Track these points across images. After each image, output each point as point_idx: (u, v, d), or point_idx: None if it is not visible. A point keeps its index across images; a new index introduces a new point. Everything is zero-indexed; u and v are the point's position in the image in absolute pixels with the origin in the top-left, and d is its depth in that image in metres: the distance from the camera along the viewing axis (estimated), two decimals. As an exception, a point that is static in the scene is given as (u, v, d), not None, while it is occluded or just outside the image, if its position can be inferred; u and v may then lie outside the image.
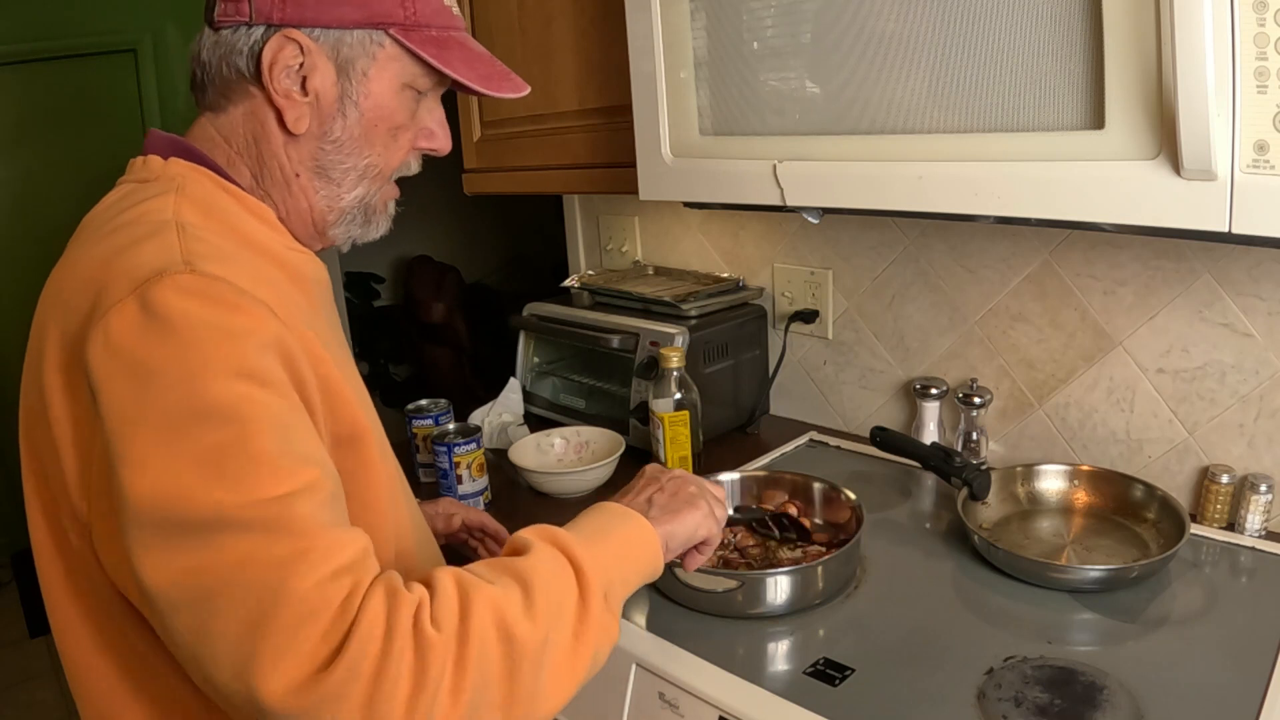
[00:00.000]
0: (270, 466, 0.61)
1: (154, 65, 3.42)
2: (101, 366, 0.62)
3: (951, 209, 0.95)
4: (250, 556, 0.59)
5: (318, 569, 0.60)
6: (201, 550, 0.59)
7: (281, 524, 0.60)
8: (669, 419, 1.35)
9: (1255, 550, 1.09)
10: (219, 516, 0.59)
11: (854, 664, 0.91)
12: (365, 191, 0.83)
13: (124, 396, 0.61)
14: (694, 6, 1.13)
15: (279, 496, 0.61)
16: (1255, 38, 0.72)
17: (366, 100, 0.79)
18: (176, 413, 0.61)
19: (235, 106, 0.78)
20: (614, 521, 0.79)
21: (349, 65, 0.77)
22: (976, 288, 1.37)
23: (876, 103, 0.99)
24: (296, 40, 0.75)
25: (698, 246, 1.77)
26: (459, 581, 0.65)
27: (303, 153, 0.79)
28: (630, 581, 0.76)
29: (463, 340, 4.07)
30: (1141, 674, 0.87)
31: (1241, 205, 0.76)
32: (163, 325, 0.62)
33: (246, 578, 0.59)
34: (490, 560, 0.70)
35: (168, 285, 0.63)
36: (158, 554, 0.60)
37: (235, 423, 0.61)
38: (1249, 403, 1.14)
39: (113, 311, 0.63)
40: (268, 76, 0.75)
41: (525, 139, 1.53)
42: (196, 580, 0.59)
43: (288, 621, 0.58)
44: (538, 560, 0.69)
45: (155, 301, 0.62)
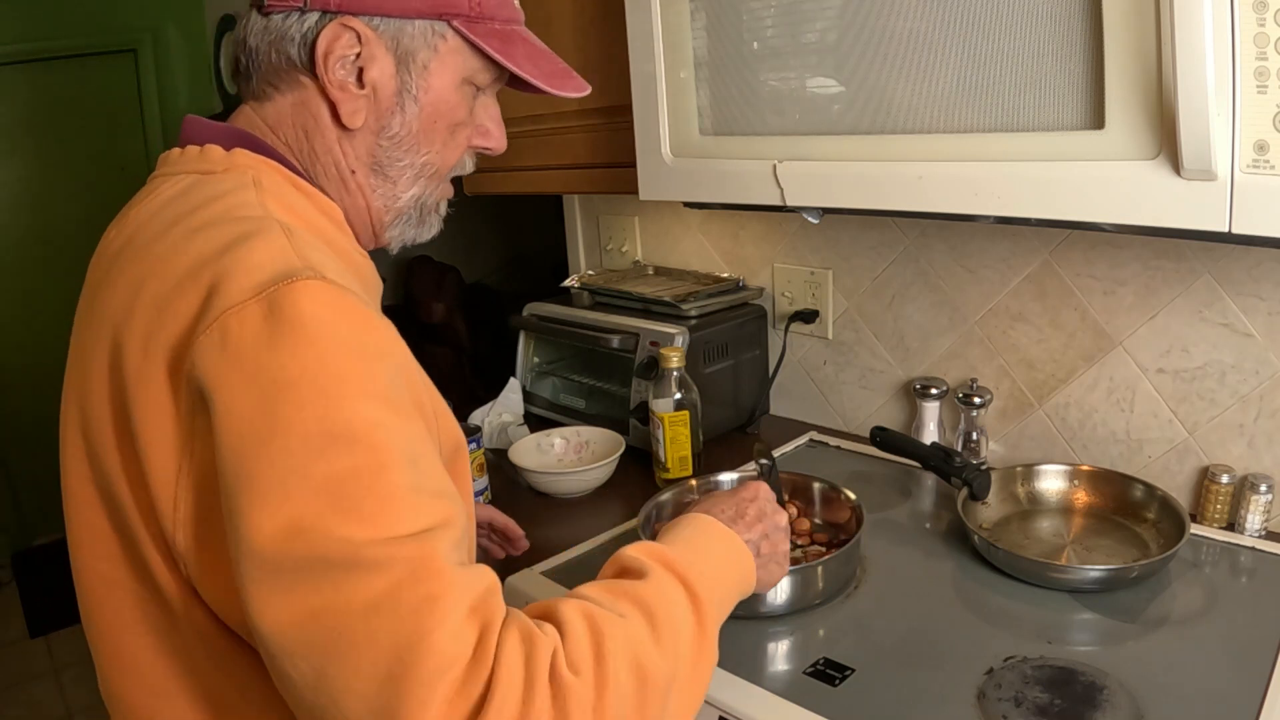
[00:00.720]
0: (405, 501, 0.56)
1: (154, 65, 3.42)
2: (218, 372, 0.56)
3: (951, 209, 0.95)
4: (383, 601, 0.53)
5: (453, 615, 0.54)
6: (329, 591, 0.53)
7: (416, 565, 0.54)
8: (669, 419, 1.35)
9: (1255, 550, 1.09)
10: (350, 555, 0.54)
11: (854, 664, 0.91)
12: (422, 190, 0.79)
13: (247, 408, 0.55)
14: (694, 6, 1.13)
15: (413, 534, 0.55)
16: (1255, 38, 0.72)
17: (426, 95, 0.74)
18: (309, 432, 0.54)
19: (284, 96, 0.73)
20: (723, 550, 0.77)
21: (409, 57, 0.73)
22: (976, 288, 1.37)
23: (876, 103, 0.99)
24: (355, 29, 0.70)
25: (698, 246, 1.77)
26: (589, 620, 0.60)
27: (359, 148, 0.75)
28: (725, 610, 0.74)
29: (463, 340, 4.07)
30: (1141, 674, 0.87)
31: (1241, 205, 0.76)
32: (296, 333, 0.56)
33: (379, 625, 0.53)
34: (608, 585, 0.67)
35: (300, 290, 0.57)
36: (278, 592, 0.54)
37: (371, 451, 0.56)
38: (1249, 403, 1.14)
39: (232, 314, 0.56)
40: (322, 66, 0.70)
41: (525, 139, 1.53)
42: (322, 624, 0.53)
43: (426, 673, 0.52)
44: (658, 588, 0.66)
45: (286, 306, 0.56)
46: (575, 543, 1.21)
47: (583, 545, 1.21)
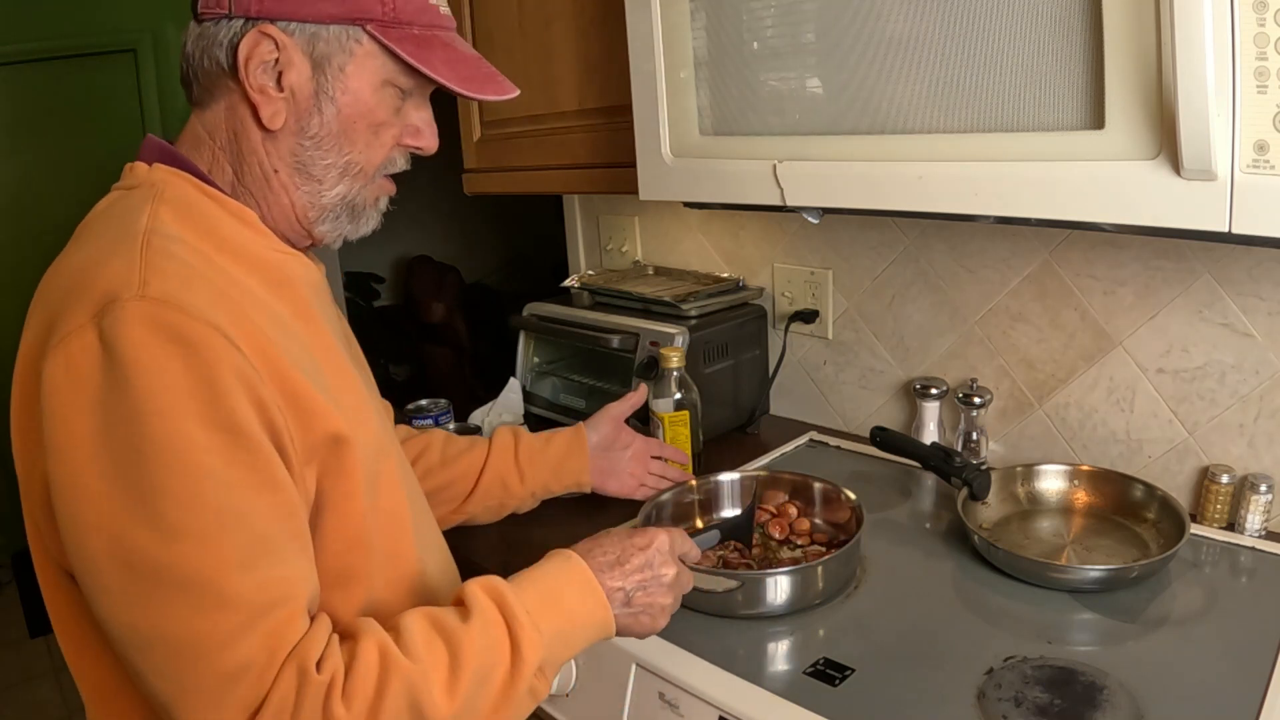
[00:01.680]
0: (208, 520, 0.63)
1: (154, 65, 3.42)
2: (58, 394, 0.63)
3: (951, 209, 0.95)
4: (176, 617, 0.62)
5: (240, 639, 0.63)
6: (135, 600, 0.63)
7: (209, 587, 0.63)
8: (669, 419, 1.35)
9: (1255, 550, 1.09)
10: (155, 569, 0.62)
11: (854, 664, 0.91)
12: (348, 189, 0.81)
13: (78, 430, 0.62)
14: (694, 6, 1.13)
15: (213, 556, 0.63)
16: (1255, 38, 0.72)
17: (344, 96, 0.77)
18: (121, 450, 0.62)
19: (217, 102, 0.78)
20: (577, 597, 0.79)
21: (325, 61, 0.76)
22: (976, 288, 1.37)
23: (877, 103, 0.99)
24: (271, 35, 0.74)
25: (698, 246, 1.77)
26: (383, 656, 0.67)
27: (281, 149, 0.78)
28: (568, 655, 0.78)
29: (463, 340, 4.08)
30: (1141, 674, 0.87)
31: (1241, 205, 0.76)
32: (114, 357, 0.63)
33: (172, 638, 0.63)
34: (432, 617, 0.72)
35: (120, 313, 0.63)
36: (99, 590, 0.63)
37: (183, 473, 0.63)
38: (1249, 403, 1.14)
39: (73, 338, 0.64)
40: (243, 71, 0.74)
41: (525, 139, 1.53)
42: (131, 627, 0.63)
43: (207, 688, 0.62)
44: (476, 631, 0.71)
45: (109, 330, 0.63)
46: (575, 543, 1.21)
47: (583, 545, 1.21)
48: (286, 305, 0.77)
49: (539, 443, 1.23)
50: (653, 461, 1.32)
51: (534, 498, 1.22)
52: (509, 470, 1.19)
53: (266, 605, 0.65)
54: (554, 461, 1.22)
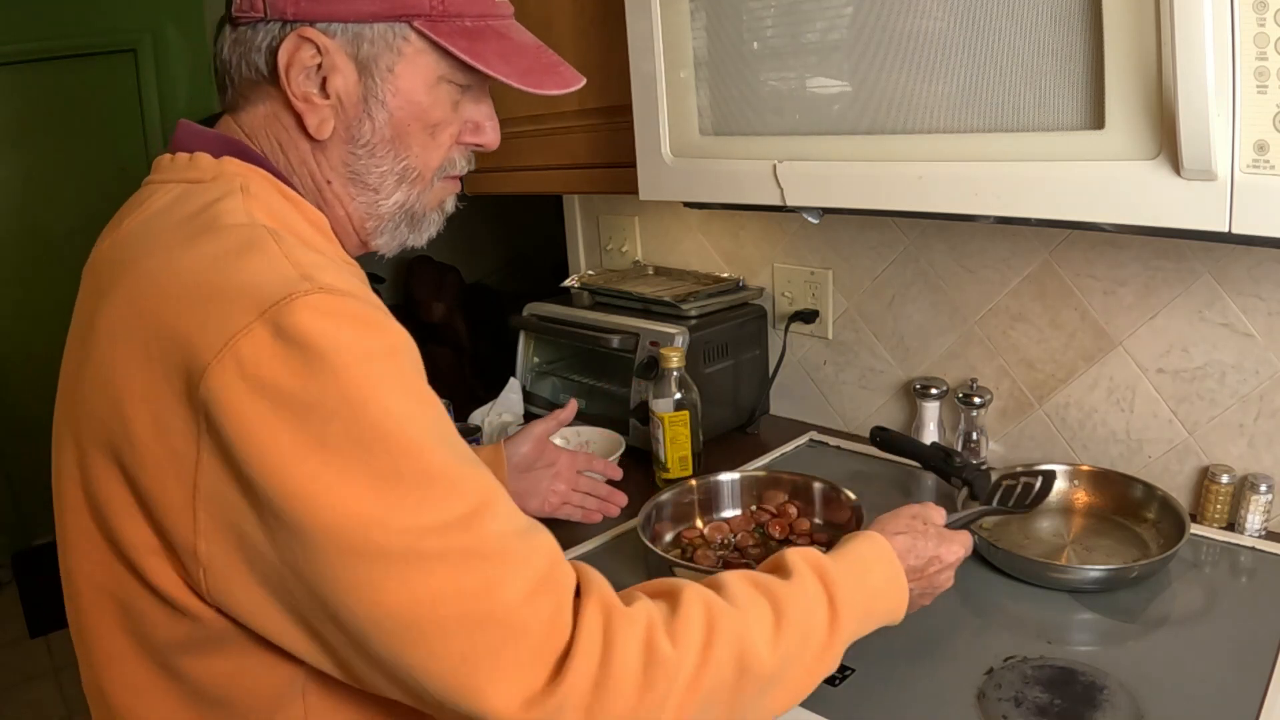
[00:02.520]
0: (449, 486, 0.59)
1: (154, 65, 3.42)
2: (240, 403, 0.56)
3: (951, 209, 0.95)
4: (447, 587, 0.57)
5: (514, 589, 0.59)
6: (395, 585, 0.57)
7: (472, 550, 0.58)
8: (669, 419, 1.35)
9: (1255, 550, 1.09)
10: (409, 547, 0.57)
11: (854, 664, 0.91)
12: (406, 196, 0.77)
13: (278, 434, 0.56)
14: (694, 6, 1.13)
15: (463, 516, 0.59)
16: (1255, 38, 0.72)
17: (395, 99, 0.72)
18: (344, 444, 0.56)
19: (256, 108, 0.73)
20: (884, 583, 0.79)
21: (372, 63, 0.71)
22: (976, 288, 1.37)
23: (877, 103, 0.99)
24: (312, 39, 0.69)
25: (698, 246, 1.77)
26: (706, 605, 0.65)
27: (332, 159, 0.73)
28: (861, 632, 0.77)
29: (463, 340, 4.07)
30: (1141, 674, 0.87)
31: (1241, 205, 0.76)
32: (308, 354, 0.56)
33: (446, 612, 0.57)
34: (751, 575, 0.71)
35: (301, 309, 0.57)
36: (343, 591, 0.57)
37: (407, 447, 0.58)
38: (1249, 403, 1.14)
39: (242, 340, 0.56)
40: (285, 79, 0.70)
41: (525, 139, 1.53)
42: (394, 616, 0.57)
43: (496, 648, 0.57)
44: (799, 590, 0.70)
45: (292, 328, 0.56)
46: (575, 543, 1.21)
47: (583, 545, 1.21)
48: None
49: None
50: (581, 478, 1.29)
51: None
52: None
53: (534, 555, 0.62)
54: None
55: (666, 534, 1.19)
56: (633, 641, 0.61)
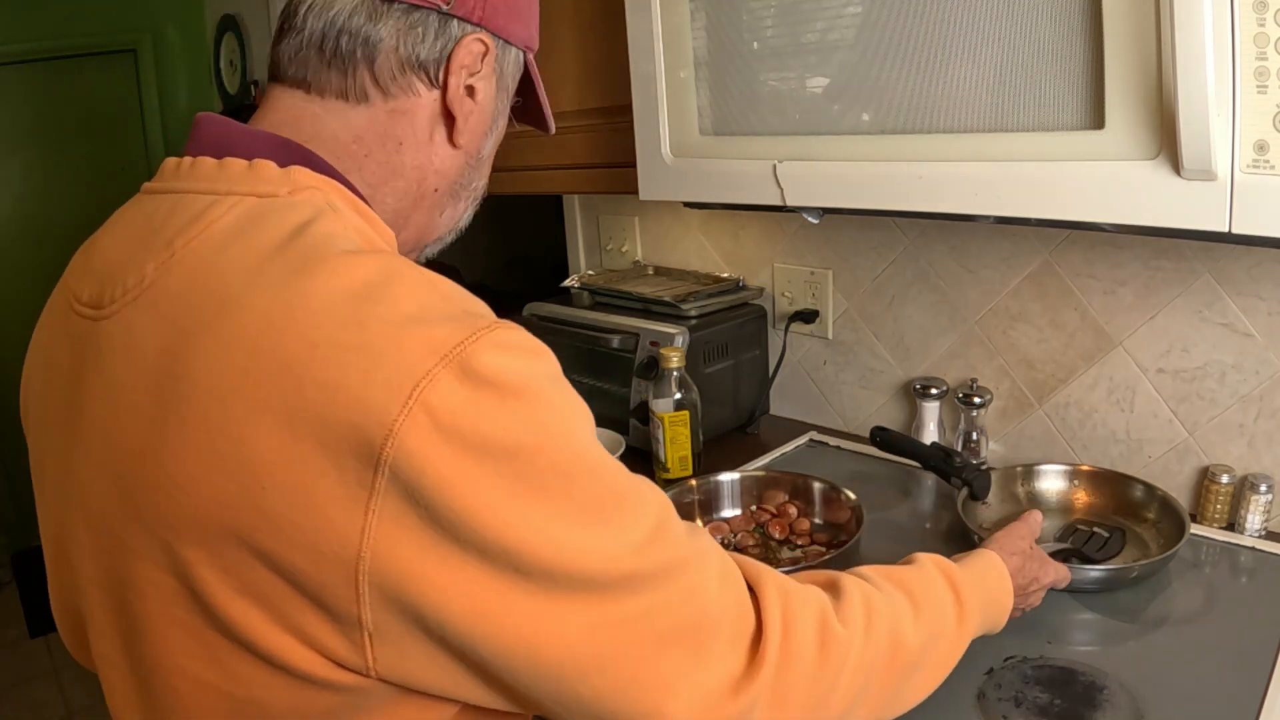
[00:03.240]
0: (637, 502, 0.59)
1: (154, 65, 3.42)
2: (441, 459, 0.50)
3: (951, 209, 0.95)
4: (657, 601, 0.57)
5: (710, 586, 0.59)
6: (610, 605, 0.55)
7: (673, 559, 0.58)
8: (669, 419, 1.35)
9: (1255, 550, 1.09)
10: (629, 572, 0.56)
11: (854, 664, 0.91)
12: (467, 216, 0.76)
13: (485, 479, 0.51)
14: (694, 6, 1.13)
15: (655, 527, 0.58)
16: (1255, 38, 0.72)
17: (503, 119, 0.73)
18: (550, 481, 0.53)
19: (387, 102, 0.65)
20: (997, 584, 0.82)
21: (505, 81, 0.71)
22: (976, 288, 1.37)
23: (877, 103, 0.99)
24: (487, 44, 0.67)
25: (698, 246, 1.77)
26: (863, 591, 0.68)
27: (450, 167, 0.70)
28: (979, 631, 0.79)
29: (463, 340, 4.06)
30: (1141, 674, 0.87)
31: (1241, 205, 0.76)
32: (504, 392, 0.52)
33: (664, 622, 0.57)
34: (881, 568, 0.73)
35: (485, 346, 0.52)
36: (556, 619, 0.54)
37: (600, 473, 0.57)
38: (1249, 403, 1.14)
39: (429, 390, 0.50)
40: (454, 78, 0.66)
41: (525, 139, 1.53)
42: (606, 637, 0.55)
43: (705, 644, 0.58)
44: (925, 579, 0.73)
45: (483, 369, 0.51)
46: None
47: (583, 545, 1.21)
48: None
49: None
50: None
51: None
52: None
53: (710, 548, 0.62)
54: None
55: (666, 534, 1.18)
56: (810, 621, 0.62)
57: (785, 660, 0.60)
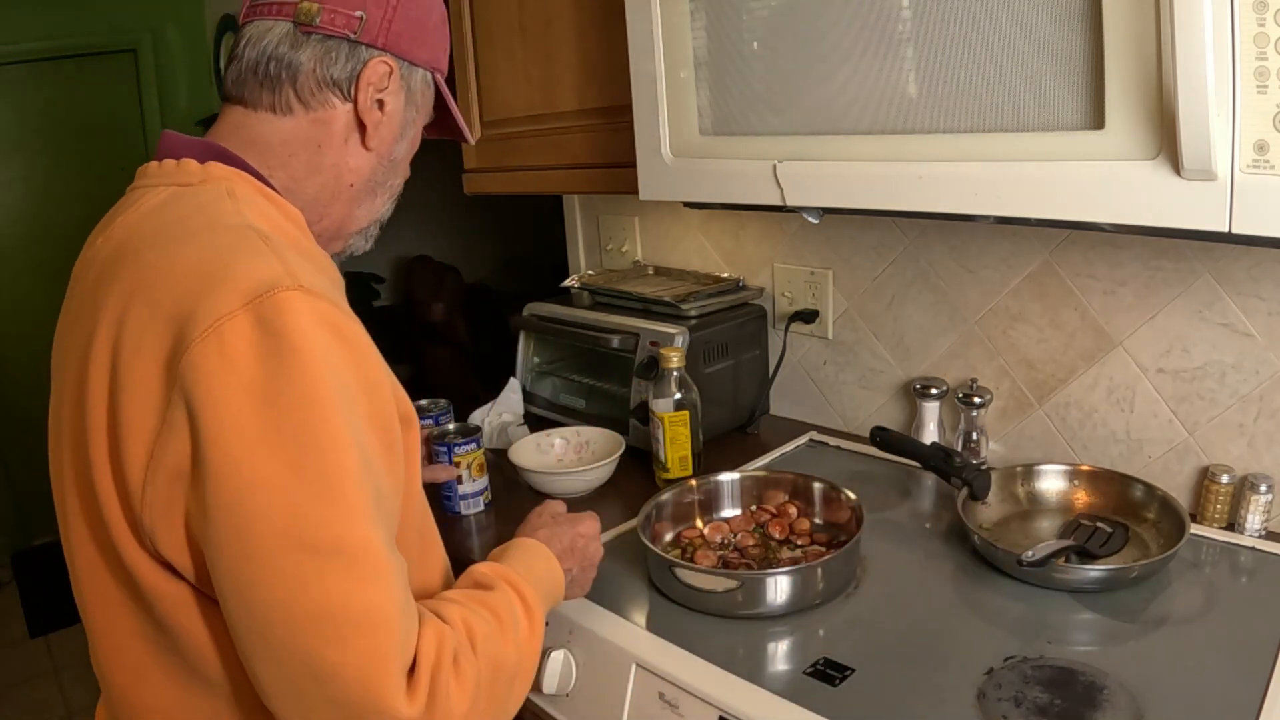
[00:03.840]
0: (373, 504, 0.66)
1: (154, 65, 3.42)
2: (214, 381, 0.62)
3: (951, 209, 0.95)
4: (357, 590, 0.64)
5: (406, 609, 0.67)
6: (313, 577, 0.63)
7: (380, 562, 0.66)
8: (669, 419, 1.35)
9: (1255, 550, 1.09)
10: (331, 547, 0.63)
11: (854, 664, 0.91)
12: (385, 210, 0.90)
13: (242, 411, 0.62)
14: (694, 6, 1.13)
15: (377, 536, 0.66)
16: (1255, 38, 0.72)
17: (413, 129, 0.87)
18: (295, 437, 0.63)
19: (309, 113, 0.80)
20: (546, 572, 0.90)
21: (413, 97, 0.85)
22: (976, 288, 1.37)
23: (876, 103, 0.99)
24: (391, 65, 0.81)
25: (698, 246, 1.77)
26: (466, 622, 0.74)
27: (364, 166, 0.84)
28: (547, 607, 0.88)
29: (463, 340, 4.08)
30: (1141, 674, 0.87)
31: (1241, 205, 0.76)
32: (284, 345, 0.63)
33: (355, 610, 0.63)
34: (469, 594, 0.80)
35: (283, 302, 0.64)
36: (264, 570, 0.63)
37: (354, 457, 0.65)
38: (1249, 403, 1.14)
39: (226, 324, 0.63)
40: (362, 94, 0.80)
41: (525, 139, 1.53)
42: (300, 606, 0.63)
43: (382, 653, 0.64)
44: (504, 598, 0.81)
45: (274, 317, 0.63)
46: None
47: (583, 545, 1.21)
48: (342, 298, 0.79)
49: None
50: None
51: None
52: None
53: (405, 579, 0.69)
54: None
55: (666, 534, 1.19)
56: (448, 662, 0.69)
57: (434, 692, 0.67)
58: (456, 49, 1.60)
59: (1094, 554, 1.05)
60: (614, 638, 0.99)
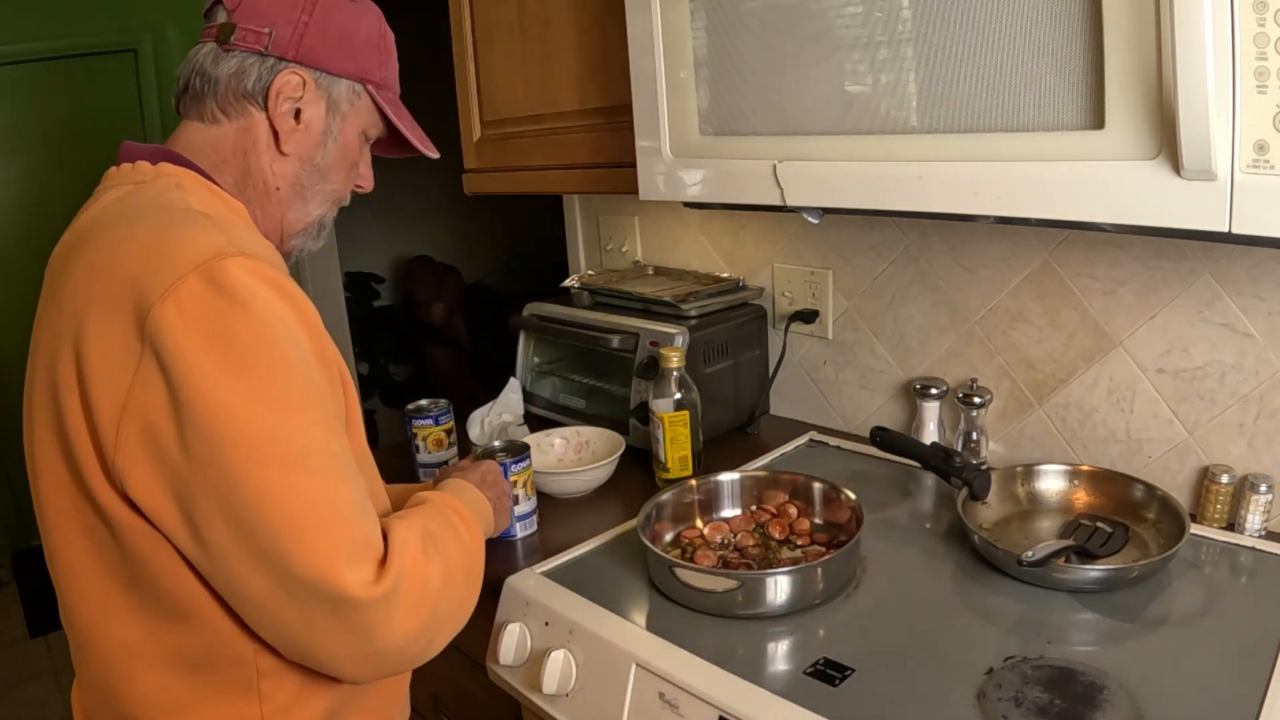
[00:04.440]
0: (324, 414, 0.76)
1: (154, 65, 3.42)
2: (176, 331, 0.71)
3: (951, 209, 0.95)
4: (326, 488, 0.74)
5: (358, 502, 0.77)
6: (286, 484, 0.72)
7: (346, 466, 0.77)
8: (669, 419, 1.35)
9: (1255, 550, 1.09)
10: (300, 458, 0.73)
11: (854, 664, 0.91)
12: (322, 212, 0.96)
13: (207, 358, 0.71)
14: (694, 6, 1.13)
15: (337, 445, 0.77)
16: (1255, 38, 0.72)
17: (341, 137, 0.93)
18: (256, 369, 0.72)
19: (231, 122, 0.89)
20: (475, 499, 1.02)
21: (335, 106, 0.92)
22: (976, 288, 1.37)
23: (876, 103, 0.99)
24: (303, 77, 0.88)
25: (698, 246, 1.77)
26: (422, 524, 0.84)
27: (286, 171, 0.91)
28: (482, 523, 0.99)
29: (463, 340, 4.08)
30: (1141, 674, 0.87)
31: (1241, 205, 0.76)
32: (233, 297, 0.73)
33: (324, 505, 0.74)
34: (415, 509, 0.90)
35: (229, 265, 0.74)
36: (240, 490, 0.71)
37: (301, 381, 0.75)
38: (1249, 403, 1.14)
39: (181, 286, 0.72)
40: (273, 103, 0.87)
41: (525, 139, 1.53)
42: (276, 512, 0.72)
43: (347, 545, 0.74)
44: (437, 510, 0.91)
45: (221, 278, 0.73)
46: (575, 543, 1.21)
47: (583, 545, 1.21)
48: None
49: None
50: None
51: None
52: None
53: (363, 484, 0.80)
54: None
55: (666, 534, 1.19)
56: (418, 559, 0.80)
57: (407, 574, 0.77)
58: (456, 49, 1.60)
59: (1094, 554, 1.05)
60: (614, 638, 0.99)
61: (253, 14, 0.87)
